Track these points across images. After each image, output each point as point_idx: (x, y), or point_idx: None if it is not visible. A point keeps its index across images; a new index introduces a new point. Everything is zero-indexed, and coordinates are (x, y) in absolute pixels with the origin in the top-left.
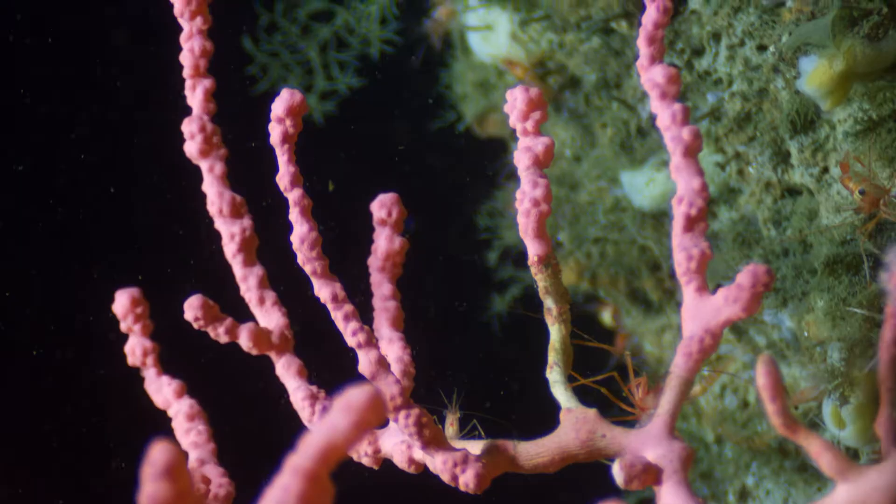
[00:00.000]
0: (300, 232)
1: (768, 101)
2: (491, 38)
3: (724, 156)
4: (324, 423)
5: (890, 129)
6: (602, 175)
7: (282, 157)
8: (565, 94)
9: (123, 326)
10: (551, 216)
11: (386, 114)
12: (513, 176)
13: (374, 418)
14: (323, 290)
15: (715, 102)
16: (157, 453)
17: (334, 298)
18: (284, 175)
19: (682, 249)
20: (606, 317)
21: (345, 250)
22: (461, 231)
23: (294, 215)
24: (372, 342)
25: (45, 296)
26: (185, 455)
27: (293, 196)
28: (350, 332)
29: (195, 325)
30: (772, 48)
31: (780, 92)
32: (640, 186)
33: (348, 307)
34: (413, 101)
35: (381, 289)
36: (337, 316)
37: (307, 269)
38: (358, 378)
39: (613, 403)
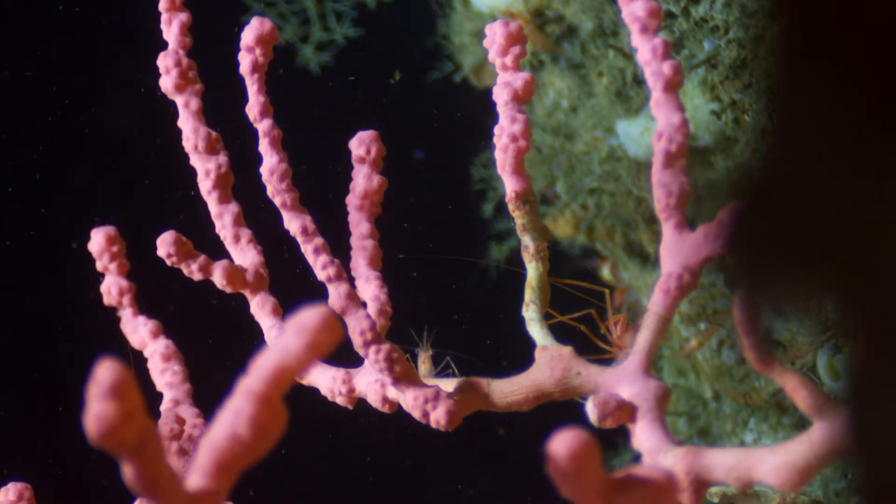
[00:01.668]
0: (270, 163)
1: (764, 48)
2: None
3: (720, 104)
4: (276, 345)
5: None
6: (598, 125)
7: (252, 87)
8: (563, 44)
9: (99, 265)
10: (546, 166)
11: (382, 64)
12: None
13: (327, 340)
14: (293, 223)
15: (711, 50)
16: (104, 372)
17: (304, 231)
18: (254, 105)
19: (662, 185)
20: (606, 272)
21: (336, 206)
22: (456, 181)
23: (264, 146)
24: (342, 276)
25: (20, 237)
26: (132, 373)
27: (263, 126)
28: (320, 266)
29: (168, 262)
30: None
31: (775, 38)
32: (635, 136)
33: (318, 240)
34: (410, 51)
35: (359, 228)
36: (307, 249)
37: (277, 201)
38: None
39: (593, 342)
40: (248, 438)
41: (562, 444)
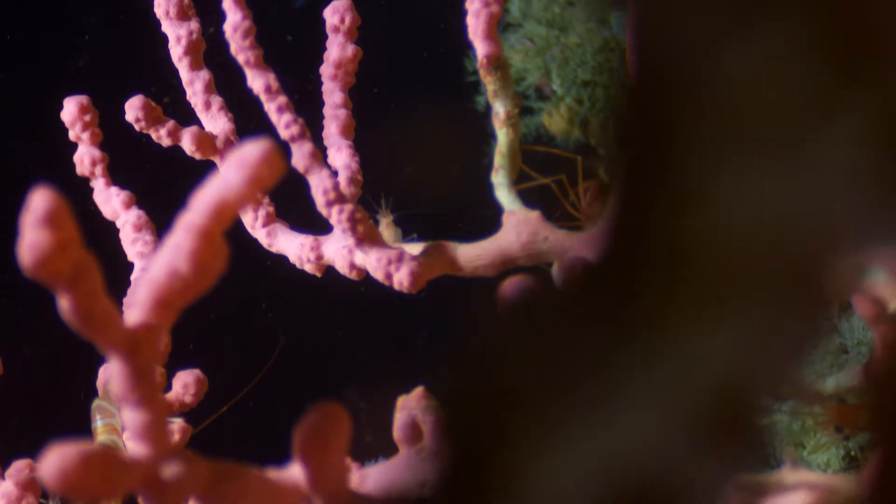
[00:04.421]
0: (233, 20)
1: None
2: None
3: None
4: (216, 179)
5: None
6: (592, 16)
7: None
8: None
9: (72, 135)
10: (540, 58)
11: None
12: (506, 24)
13: (268, 173)
14: (256, 81)
15: None
16: (38, 199)
17: (268, 89)
18: None
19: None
20: (601, 172)
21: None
22: (450, 74)
23: (227, 3)
24: (306, 135)
25: None
26: (68, 202)
27: None
28: (283, 125)
29: (137, 127)
30: None
31: None
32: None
33: (282, 98)
34: None
35: (332, 97)
36: (270, 108)
37: (240, 59)
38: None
39: (561, 210)
40: (187, 274)
41: (511, 287)
